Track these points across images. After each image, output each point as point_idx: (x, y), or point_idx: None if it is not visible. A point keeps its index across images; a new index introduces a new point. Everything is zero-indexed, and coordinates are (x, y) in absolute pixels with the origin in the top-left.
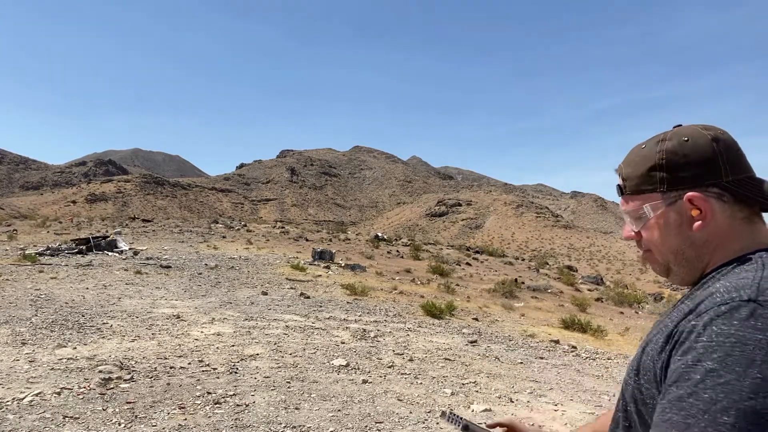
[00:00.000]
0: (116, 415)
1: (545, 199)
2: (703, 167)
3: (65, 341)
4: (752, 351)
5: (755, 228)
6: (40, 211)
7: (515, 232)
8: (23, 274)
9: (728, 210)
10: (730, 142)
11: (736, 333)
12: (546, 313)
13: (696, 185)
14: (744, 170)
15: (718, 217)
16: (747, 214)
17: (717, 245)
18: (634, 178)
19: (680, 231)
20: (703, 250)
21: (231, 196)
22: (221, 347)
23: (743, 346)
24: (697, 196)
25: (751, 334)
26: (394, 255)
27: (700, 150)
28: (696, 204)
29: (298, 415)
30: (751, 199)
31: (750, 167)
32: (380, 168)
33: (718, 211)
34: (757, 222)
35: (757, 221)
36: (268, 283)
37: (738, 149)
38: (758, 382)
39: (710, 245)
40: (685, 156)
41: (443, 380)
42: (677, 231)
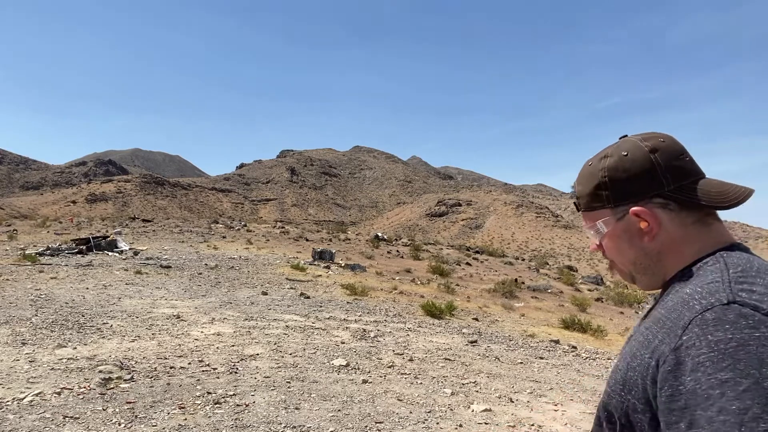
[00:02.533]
0: (116, 415)
1: (545, 199)
2: (643, 180)
3: (65, 341)
4: (758, 349)
5: (709, 229)
6: (40, 211)
7: (515, 232)
8: (23, 274)
9: (676, 217)
10: (671, 150)
11: (734, 337)
12: (546, 313)
13: (639, 198)
14: (687, 176)
15: (667, 226)
16: (698, 218)
17: (672, 252)
18: (585, 197)
19: (633, 243)
20: (658, 258)
21: (231, 196)
22: (221, 347)
23: (747, 347)
24: (640, 210)
25: (748, 334)
26: (394, 255)
27: (638, 163)
28: (641, 217)
29: (298, 415)
30: (696, 204)
31: (696, 171)
32: (380, 168)
33: (666, 219)
34: (711, 223)
35: (711, 222)
36: (268, 283)
37: (680, 155)
38: None
39: (665, 253)
40: (626, 171)
41: (443, 380)
42: (630, 243)
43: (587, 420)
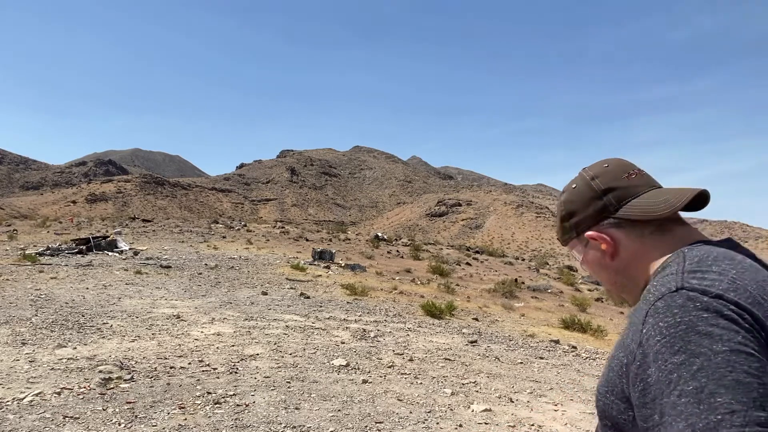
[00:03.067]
0: (116, 415)
1: (545, 199)
2: (591, 206)
3: (65, 341)
4: (706, 328)
5: (671, 234)
6: (40, 211)
7: (515, 232)
8: (23, 274)
9: (631, 232)
10: (613, 172)
11: (683, 320)
12: (546, 313)
13: (594, 223)
14: (630, 193)
15: (625, 242)
16: (655, 227)
17: (637, 264)
18: (558, 230)
19: (603, 266)
20: (629, 273)
21: (231, 196)
22: (221, 347)
23: (696, 328)
24: (592, 235)
25: (696, 315)
26: (394, 255)
27: (583, 193)
28: (597, 240)
29: (298, 415)
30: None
31: (641, 185)
32: (380, 168)
33: (622, 237)
34: (671, 228)
35: (671, 227)
36: (268, 283)
37: (623, 176)
38: (727, 354)
39: (632, 267)
40: (576, 202)
41: (443, 380)
42: (601, 266)
43: (587, 420)
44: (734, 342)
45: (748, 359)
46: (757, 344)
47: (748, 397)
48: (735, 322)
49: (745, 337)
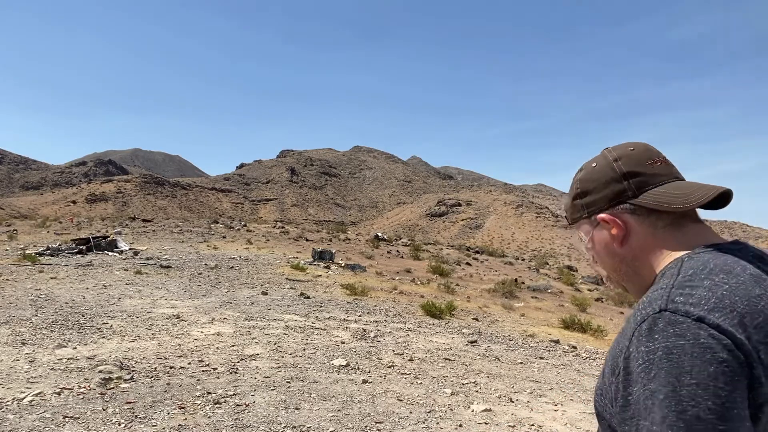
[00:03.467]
0: (116, 415)
1: (545, 199)
2: (608, 188)
3: (65, 341)
4: (680, 357)
5: (682, 231)
6: (40, 211)
7: (515, 232)
8: (23, 274)
9: (646, 222)
10: (638, 157)
11: (660, 346)
12: (546, 313)
13: (608, 206)
14: (652, 181)
15: (637, 231)
16: (669, 221)
17: (645, 257)
18: (568, 209)
19: (609, 250)
20: (635, 263)
21: (231, 196)
22: (221, 347)
23: (671, 356)
24: (605, 217)
25: (673, 342)
26: (394, 255)
27: (603, 173)
28: (609, 223)
29: (298, 415)
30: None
31: (665, 174)
32: (380, 168)
33: (635, 225)
34: (685, 225)
35: (685, 224)
36: (268, 283)
37: (647, 162)
38: (693, 388)
39: (639, 259)
40: (593, 181)
41: (443, 380)
42: (607, 251)
43: (587, 420)
44: (704, 375)
45: (714, 395)
46: (729, 376)
47: (689, 423)
48: (710, 350)
49: (716, 370)
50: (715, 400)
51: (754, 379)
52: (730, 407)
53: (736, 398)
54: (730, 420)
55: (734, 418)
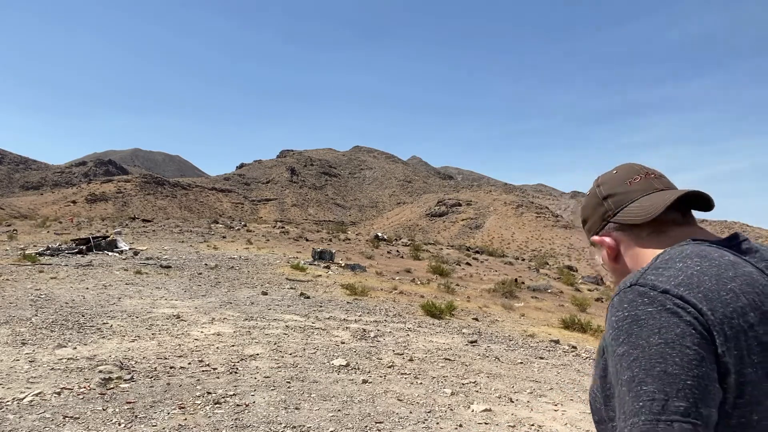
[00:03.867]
0: (116, 415)
1: (545, 199)
2: (596, 212)
3: (65, 341)
4: (648, 321)
5: (668, 234)
6: (40, 211)
7: (515, 232)
8: (23, 274)
9: (631, 234)
10: (616, 178)
11: (629, 314)
12: (546, 313)
13: (599, 228)
14: (631, 198)
15: (626, 244)
16: (652, 229)
17: (639, 265)
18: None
19: (610, 267)
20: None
21: (231, 196)
22: (221, 347)
23: (639, 321)
24: (594, 239)
25: (642, 310)
26: (394, 255)
27: (592, 199)
28: (599, 243)
29: (298, 415)
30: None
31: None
32: (380, 168)
33: (624, 239)
34: (667, 230)
35: (667, 229)
36: (268, 283)
37: (626, 181)
38: (662, 347)
39: (634, 267)
40: (587, 208)
41: (443, 380)
42: (609, 267)
43: (587, 420)
44: (671, 335)
45: (681, 352)
46: (696, 338)
47: (672, 387)
48: (676, 315)
49: (683, 330)
50: (683, 357)
51: (715, 351)
52: (697, 364)
53: (703, 358)
54: (698, 377)
55: (702, 376)
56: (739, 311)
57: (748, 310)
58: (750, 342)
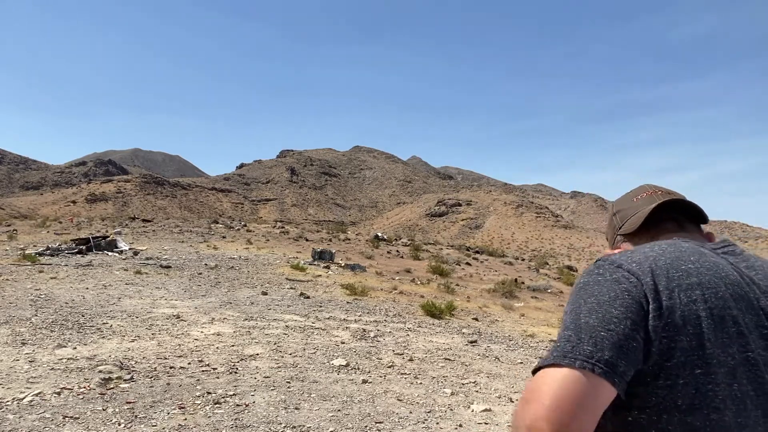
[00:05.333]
0: (116, 415)
1: (545, 199)
2: (610, 226)
3: (65, 341)
4: (593, 286)
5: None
6: (40, 211)
7: (515, 232)
8: (23, 274)
9: (632, 243)
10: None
11: (583, 280)
12: (546, 313)
13: (614, 240)
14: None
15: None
16: (649, 237)
17: None
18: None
19: None
20: None
21: (231, 196)
22: (221, 347)
23: (587, 285)
24: (607, 251)
25: (593, 277)
26: (394, 255)
27: (608, 216)
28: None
29: (298, 415)
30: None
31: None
32: (380, 168)
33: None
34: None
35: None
36: (268, 283)
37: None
38: (593, 304)
39: None
40: (606, 224)
41: (443, 380)
42: None
43: None
44: (604, 297)
45: (606, 310)
46: (626, 302)
47: (586, 335)
48: (617, 282)
49: (616, 294)
50: (606, 314)
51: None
52: (617, 323)
53: (627, 319)
54: (614, 331)
55: (619, 332)
56: (684, 287)
57: (695, 287)
58: (687, 314)
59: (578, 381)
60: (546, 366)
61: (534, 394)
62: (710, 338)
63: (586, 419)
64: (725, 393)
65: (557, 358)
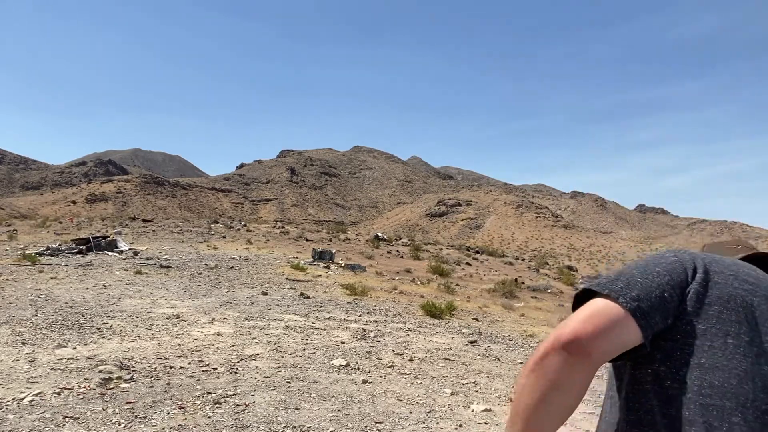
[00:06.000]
0: (116, 415)
1: (545, 199)
2: None
3: (65, 341)
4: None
5: None
6: (40, 211)
7: (515, 232)
8: (23, 274)
9: None
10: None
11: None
12: (546, 313)
13: None
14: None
15: None
16: None
17: None
18: None
19: None
20: None
21: (231, 196)
22: (221, 347)
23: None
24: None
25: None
26: (394, 255)
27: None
28: None
29: (298, 415)
30: None
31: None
32: (380, 168)
33: None
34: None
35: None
36: (268, 283)
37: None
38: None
39: None
40: None
41: (443, 380)
42: None
43: (587, 420)
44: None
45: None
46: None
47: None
48: (673, 254)
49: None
50: (647, 268)
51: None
52: (656, 275)
53: (666, 276)
54: (649, 280)
55: (654, 283)
56: (740, 279)
57: (749, 284)
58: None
59: (606, 306)
60: (592, 288)
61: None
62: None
63: (607, 345)
64: (753, 369)
65: (593, 285)
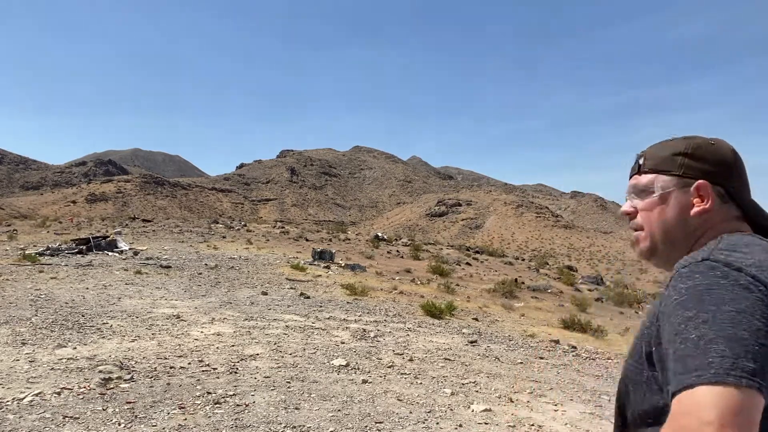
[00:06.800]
0: (116, 415)
1: (545, 199)
2: (719, 167)
3: (65, 341)
4: (719, 292)
5: (739, 226)
6: (40, 211)
7: (515, 232)
8: (23, 274)
9: (725, 208)
10: (743, 162)
11: (702, 282)
12: (546, 313)
13: (707, 178)
14: (746, 185)
15: (715, 210)
16: (738, 216)
17: (704, 233)
18: (656, 158)
19: (679, 212)
20: (692, 234)
21: (231, 196)
22: (221, 347)
23: (712, 290)
24: (706, 185)
25: (716, 281)
26: (394, 255)
27: (722, 153)
28: (701, 193)
29: (298, 415)
30: (743, 208)
31: (749, 187)
32: (380, 168)
33: (717, 205)
34: (743, 224)
35: (743, 223)
36: (268, 283)
37: (745, 170)
38: (733, 314)
39: (698, 232)
40: (709, 153)
41: (443, 380)
42: (676, 212)
43: (587, 420)
44: (742, 305)
45: (750, 321)
46: (765, 312)
47: (742, 350)
48: (748, 290)
49: (754, 303)
50: (751, 326)
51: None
52: (764, 335)
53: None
54: (765, 345)
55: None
56: None
57: None
58: None
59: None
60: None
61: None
62: None
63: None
64: None
65: (719, 375)
